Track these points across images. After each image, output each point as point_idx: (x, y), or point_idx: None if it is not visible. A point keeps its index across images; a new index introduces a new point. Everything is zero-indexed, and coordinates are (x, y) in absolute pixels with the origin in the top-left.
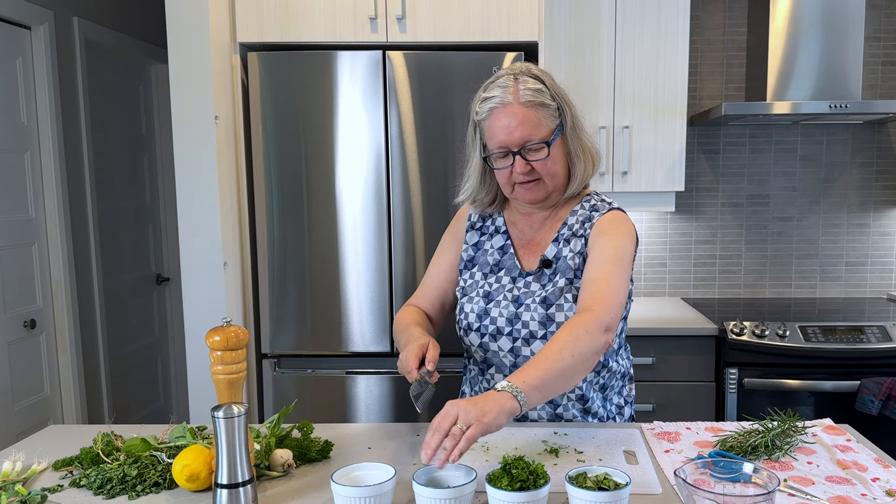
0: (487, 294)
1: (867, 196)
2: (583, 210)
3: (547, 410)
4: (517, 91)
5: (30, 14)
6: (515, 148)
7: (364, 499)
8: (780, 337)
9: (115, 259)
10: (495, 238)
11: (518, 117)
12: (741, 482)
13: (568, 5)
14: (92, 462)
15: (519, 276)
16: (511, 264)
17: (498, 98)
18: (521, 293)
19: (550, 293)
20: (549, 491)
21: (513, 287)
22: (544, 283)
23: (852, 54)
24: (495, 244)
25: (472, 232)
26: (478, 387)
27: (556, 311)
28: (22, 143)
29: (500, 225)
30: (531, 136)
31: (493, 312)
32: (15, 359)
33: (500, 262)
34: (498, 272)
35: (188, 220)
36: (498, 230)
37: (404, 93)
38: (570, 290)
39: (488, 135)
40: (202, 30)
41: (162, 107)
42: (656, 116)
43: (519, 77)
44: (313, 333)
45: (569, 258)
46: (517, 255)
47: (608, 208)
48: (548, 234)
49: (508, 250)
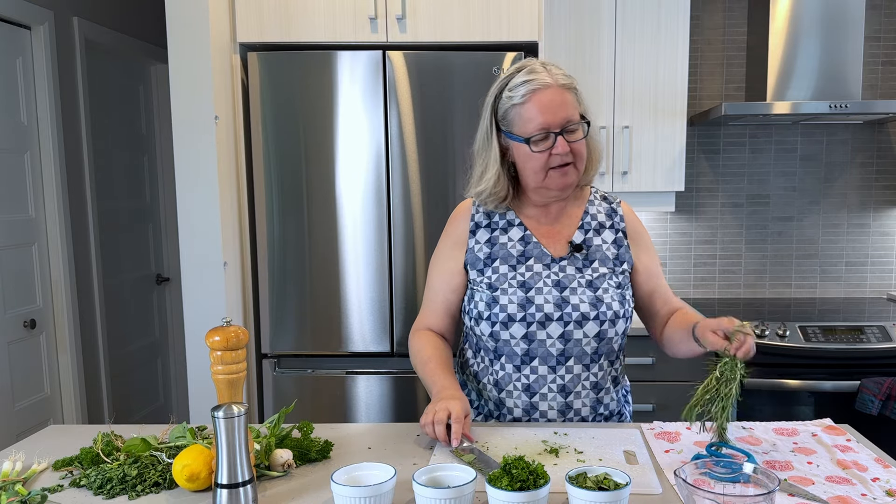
0: (523, 283)
1: (867, 196)
2: (598, 202)
3: (558, 401)
4: (553, 73)
5: (30, 14)
6: (557, 129)
7: (364, 499)
8: (780, 337)
9: (115, 259)
10: (512, 231)
11: (560, 97)
12: (741, 482)
13: (568, 5)
14: (92, 462)
15: (552, 262)
16: (539, 252)
17: (537, 80)
18: (561, 277)
19: (596, 278)
20: (549, 491)
21: (549, 273)
22: (580, 267)
23: (852, 54)
24: (514, 236)
25: (482, 230)
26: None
27: (603, 293)
28: (22, 143)
29: (513, 218)
30: (572, 116)
31: (538, 300)
32: (15, 359)
33: (525, 251)
34: (526, 261)
35: (188, 220)
36: (511, 223)
37: (404, 93)
38: (612, 277)
39: (525, 118)
40: (202, 30)
41: (162, 107)
42: (656, 116)
43: (546, 64)
44: (313, 333)
45: (605, 248)
46: (541, 244)
47: (617, 199)
48: (568, 223)
49: (531, 240)
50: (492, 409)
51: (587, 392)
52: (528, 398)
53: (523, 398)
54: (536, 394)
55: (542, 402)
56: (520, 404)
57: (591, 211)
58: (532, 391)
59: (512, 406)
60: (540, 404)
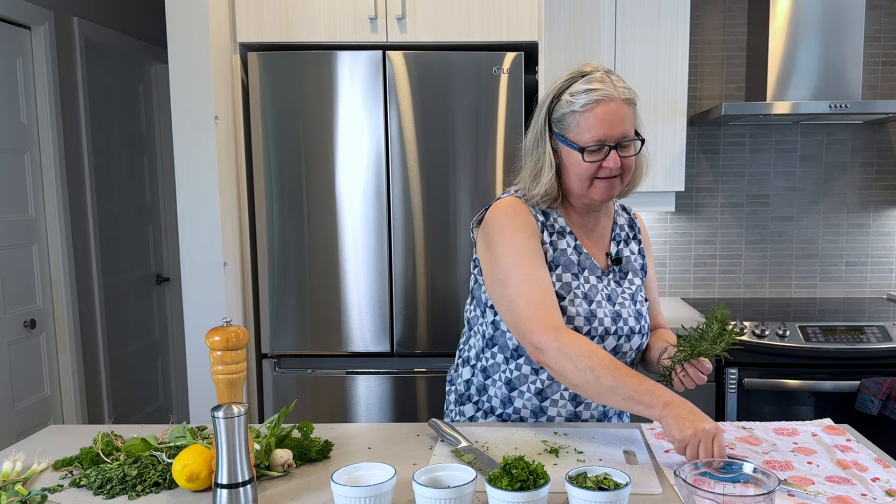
0: (586, 295)
1: (867, 196)
2: (621, 213)
3: (568, 409)
4: (616, 86)
5: (30, 14)
6: (613, 142)
7: (364, 499)
8: (780, 337)
9: (115, 259)
10: (565, 238)
11: (621, 111)
12: (741, 482)
13: (568, 5)
14: (92, 462)
15: (603, 275)
16: (590, 264)
17: (603, 91)
18: (610, 291)
19: (635, 291)
20: (549, 491)
21: (601, 286)
22: (619, 280)
23: (852, 54)
24: (568, 244)
25: (545, 232)
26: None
27: (641, 307)
28: (22, 143)
29: (564, 225)
30: (629, 131)
31: (599, 313)
32: (15, 359)
33: (580, 261)
34: (583, 272)
35: (188, 220)
36: (564, 231)
37: (404, 93)
38: (642, 289)
39: (584, 126)
40: (202, 30)
41: (162, 107)
42: (656, 116)
43: (610, 74)
44: (313, 333)
45: (633, 259)
46: (591, 255)
47: (631, 209)
48: (602, 233)
49: (582, 250)
50: (495, 406)
51: (597, 404)
52: (538, 401)
53: (534, 401)
54: (548, 399)
55: (552, 407)
56: (529, 406)
57: (619, 222)
58: (544, 395)
59: (520, 406)
60: (549, 409)
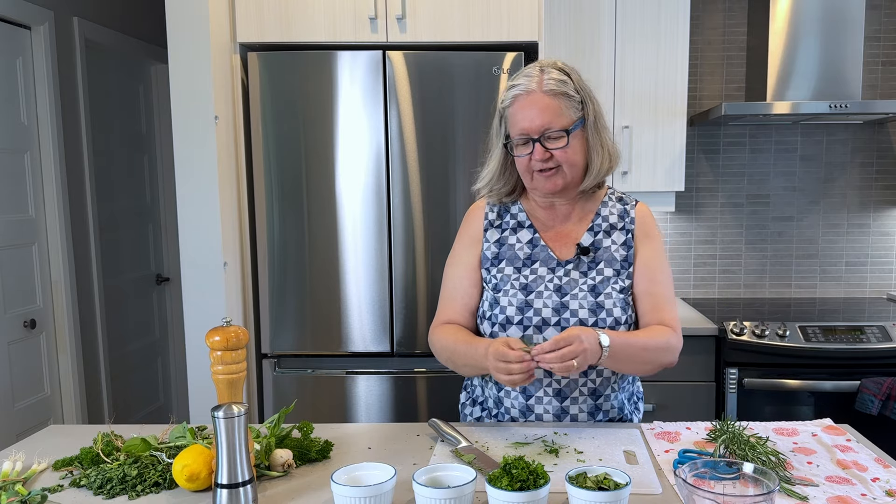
0: (525, 286)
1: (867, 196)
2: (612, 203)
3: (554, 405)
4: (542, 80)
5: (30, 14)
6: (536, 135)
7: (364, 499)
8: (780, 337)
9: (115, 259)
10: (521, 232)
11: (539, 105)
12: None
13: (568, 5)
14: (92, 462)
15: (557, 266)
16: (545, 255)
17: (522, 86)
18: (563, 282)
19: (599, 282)
20: (549, 491)
21: (553, 277)
22: (585, 271)
23: (852, 54)
24: (522, 238)
25: (493, 230)
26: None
27: (605, 299)
28: (22, 143)
29: (524, 219)
30: (551, 123)
31: (536, 304)
32: (15, 359)
33: (532, 254)
34: (532, 264)
35: (188, 220)
36: (521, 224)
37: (404, 93)
38: (617, 281)
39: (511, 122)
40: (202, 30)
41: (162, 107)
42: (656, 116)
43: (546, 69)
44: (313, 333)
45: (613, 249)
46: (549, 247)
47: (634, 200)
48: (578, 225)
49: (539, 242)
50: (491, 407)
51: (584, 398)
52: (524, 400)
53: (520, 399)
54: (532, 396)
55: (537, 405)
56: (516, 405)
57: (602, 212)
58: (528, 393)
59: (509, 406)
60: (536, 407)
